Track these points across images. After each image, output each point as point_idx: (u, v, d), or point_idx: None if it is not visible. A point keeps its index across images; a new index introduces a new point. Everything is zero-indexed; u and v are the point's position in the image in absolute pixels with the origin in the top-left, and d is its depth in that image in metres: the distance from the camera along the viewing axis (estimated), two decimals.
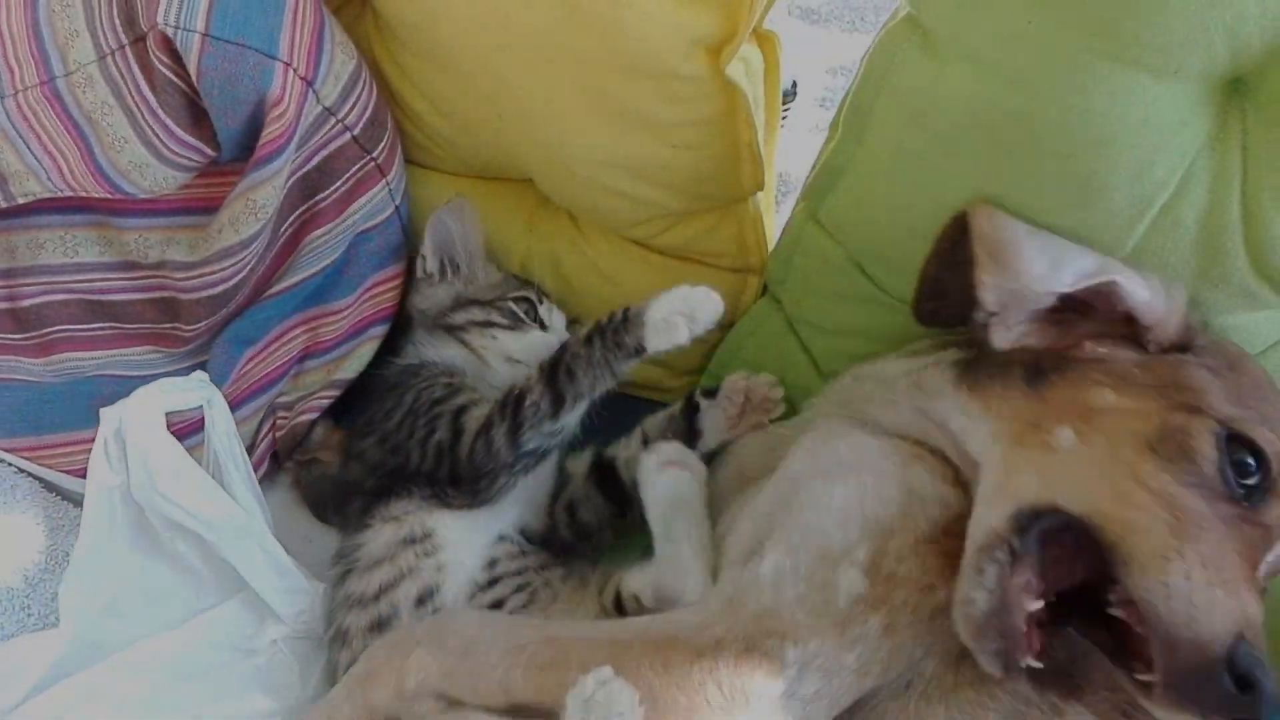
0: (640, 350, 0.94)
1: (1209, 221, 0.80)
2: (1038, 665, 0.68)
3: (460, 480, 0.98)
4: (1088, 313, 0.82)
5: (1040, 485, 0.73)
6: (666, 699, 0.73)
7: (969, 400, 0.82)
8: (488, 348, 1.11)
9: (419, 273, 1.16)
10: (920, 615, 0.76)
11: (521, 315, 1.13)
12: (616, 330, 0.96)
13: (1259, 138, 0.77)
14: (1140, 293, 0.77)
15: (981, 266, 0.79)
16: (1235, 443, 0.71)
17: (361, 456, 1.06)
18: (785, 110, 2.01)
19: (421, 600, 0.92)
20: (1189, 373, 0.76)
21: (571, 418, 0.97)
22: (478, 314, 1.13)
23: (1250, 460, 0.70)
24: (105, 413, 0.95)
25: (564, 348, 0.98)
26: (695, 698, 0.72)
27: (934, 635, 0.76)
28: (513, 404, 0.97)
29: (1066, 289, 0.78)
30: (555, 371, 0.96)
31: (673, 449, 0.97)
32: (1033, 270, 0.78)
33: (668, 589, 0.87)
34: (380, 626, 0.91)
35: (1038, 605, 0.68)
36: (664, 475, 0.94)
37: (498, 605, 0.93)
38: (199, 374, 1.03)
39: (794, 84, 1.98)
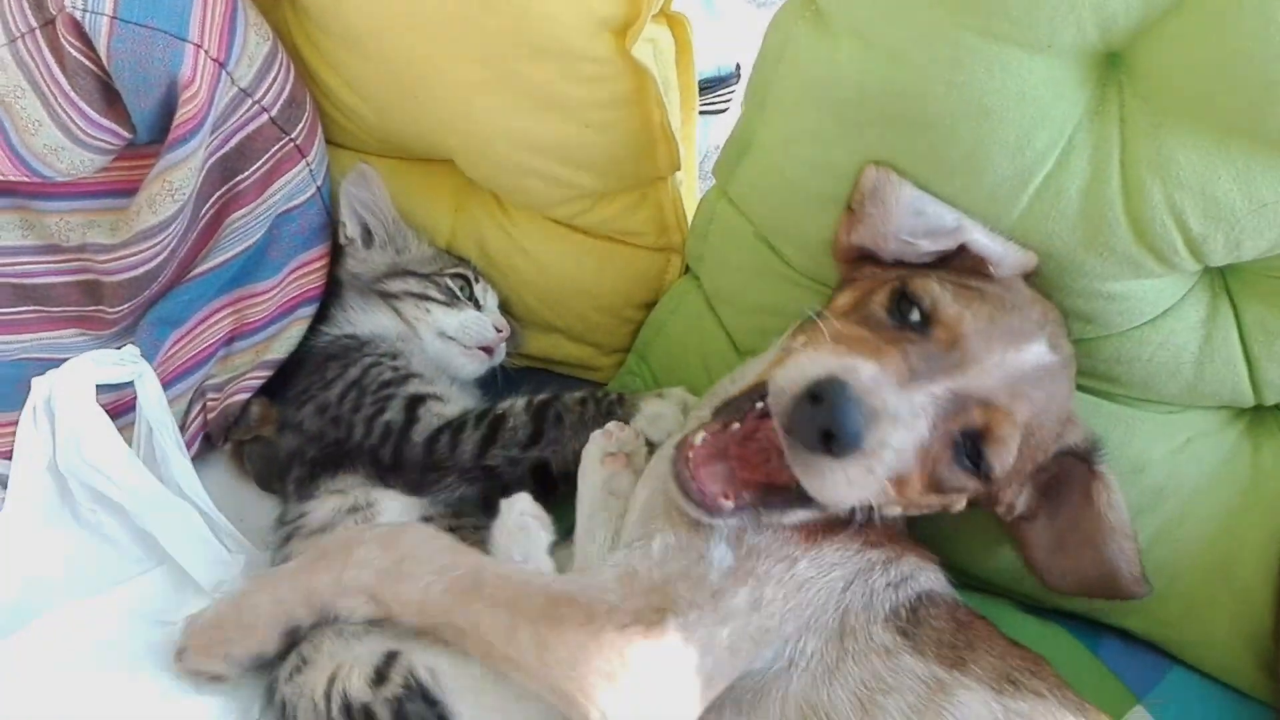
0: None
1: (1090, 192, 0.82)
2: (727, 505, 0.79)
3: (404, 467, 1.01)
4: None
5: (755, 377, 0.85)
6: (553, 650, 0.76)
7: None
8: (420, 320, 1.14)
9: (342, 239, 1.18)
10: (786, 588, 0.80)
11: (457, 292, 1.16)
12: (611, 405, 1.04)
13: (1135, 110, 0.79)
14: (992, 246, 0.86)
15: (855, 197, 0.88)
16: (904, 293, 0.81)
17: (299, 426, 1.08)
18: (729, 92, 2.03)
19: None
20: (922, 270, 0.86)
21: (536, 456, 1.02)
22: (414, 285, 1.16)
23: (912, 303, 0.81)
24: (36, 382, 0.97)
25: (558, 397, 1.04)
26: (578, 655, 0.75)
27: (806, 610, 0.81)
28: (492, 420, 1.02)
29: (918, 241, 0.87)
30: (545, 411, 1.02)
31: (621, 440, 0.98)
32: (899, 214, 0.86)
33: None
34: None
35: (700, 436, 0.81)
36: (604, 468, 0.97)
37: None
38: (130, 348, 1.04)
39: (738, 66, 1.99)
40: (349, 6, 1.05)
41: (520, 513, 0.91)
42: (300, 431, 1.08)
